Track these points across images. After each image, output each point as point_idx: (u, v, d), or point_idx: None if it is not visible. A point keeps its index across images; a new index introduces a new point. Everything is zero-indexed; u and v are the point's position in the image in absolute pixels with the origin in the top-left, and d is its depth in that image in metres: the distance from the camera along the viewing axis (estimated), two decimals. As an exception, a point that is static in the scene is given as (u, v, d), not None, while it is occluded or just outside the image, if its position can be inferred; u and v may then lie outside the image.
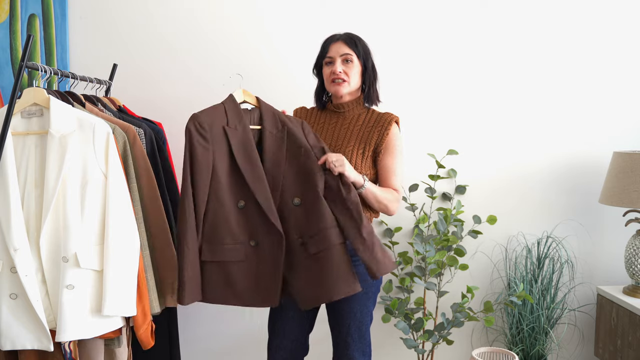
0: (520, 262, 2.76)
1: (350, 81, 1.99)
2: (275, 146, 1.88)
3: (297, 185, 1.87)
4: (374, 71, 2.06)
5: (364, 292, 1.96)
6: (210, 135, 1.84)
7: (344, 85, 1.99)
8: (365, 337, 2.04)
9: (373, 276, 1.87)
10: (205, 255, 1.87)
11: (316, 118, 2.11)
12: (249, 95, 1.97)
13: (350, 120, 2.04)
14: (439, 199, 2.76)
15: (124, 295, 1.73)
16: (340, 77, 1.98)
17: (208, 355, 2.79)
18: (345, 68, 1.99)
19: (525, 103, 2.75)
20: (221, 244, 1.86)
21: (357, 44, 2.00)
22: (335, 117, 2.06)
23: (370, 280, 1.96)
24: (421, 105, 2.72)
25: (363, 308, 2.00)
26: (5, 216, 1.66)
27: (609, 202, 2.52)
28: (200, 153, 1.82)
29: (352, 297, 1.94)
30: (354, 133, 2.00)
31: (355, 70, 2.00)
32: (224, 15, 2.64)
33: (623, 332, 2.50)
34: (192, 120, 1.86)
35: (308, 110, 2.16)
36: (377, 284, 2.05)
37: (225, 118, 1.88)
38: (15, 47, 2.57)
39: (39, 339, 1.71)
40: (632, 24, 2.74)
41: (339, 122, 2.05)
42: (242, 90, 1.96)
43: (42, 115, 1.77)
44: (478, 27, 2.71)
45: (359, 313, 1.99)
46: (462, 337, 2.83)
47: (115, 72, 2.54)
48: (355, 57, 1.99)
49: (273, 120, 1.91)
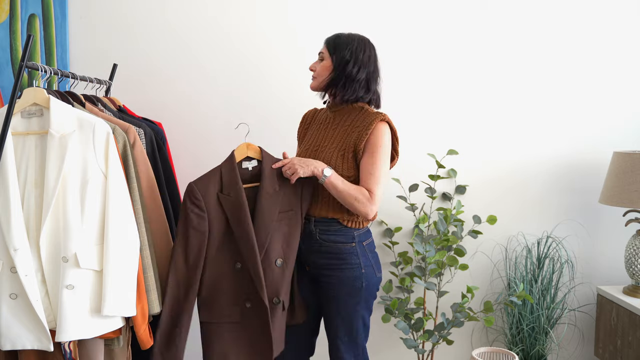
0: (520, 262, 2.76)
1: (318, 78, 2.02)
2: (267, 207, 1.91)
3: (281, 246, 1.94)
4: (352, 67, 1.96)
5: (350, 296, 1.97)
6: (205, 203, 1.89)
7: (314, 81, 2.03)
8: (358, 342, 2.03)
9: None
10: (204, 316, 1.96)
11: (319, 118, 2.12)
12: (252, 149, 1.96)
13: (339, 120, 2.03)
14: (439, 199, 2.76)
15: (123, 296, 1.73)
16: (313, 75, 2.04)
17: (208, 355, 2.78)
18: (316, 65, 2.03)
19: (525, 103, 2.75)
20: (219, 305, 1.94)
21: (332, 43, 2.00)
22: (331, 116, 2.06)
23: (360, 285, 1.96)
24: (421, 105, 2.72)
25: (352, 312, 1.99)
26: (5, 216, 1.66)
27: (609, 202, 2.52)
28: (196, 221, 1.88)
29: (339, 302, 1.98)
30: (338, 133, 1.99)
31: (324, 68, 2.00)
32: (224, 15, 2.64)
33: (623, 332, 2.50)
34: (187, 193, 1.90)
35: (316, 111, 2.18)
36: (369, 289, 2.00)
37: (219, 184, 1.91)
38: (15, 47, 2.57)
39: (39, 339, 1.71)
40: (631, 24, 2.74)
41: (330, 122, 2.05)
42: (245, 144, 1.96)
43: (42, 115, 1.76)
44: (478, 28, 2.71)
45: (347, 317, 1.99)
46: (462, 337, 2.83)
47: (115, 72, 2.54)
48: (327, 56, 2.00)
49: (271, 179, 1.93)
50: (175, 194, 2.25)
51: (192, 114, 2.66)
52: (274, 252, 1.92)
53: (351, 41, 1.98)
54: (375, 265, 2.02)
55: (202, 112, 2.66)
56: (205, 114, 2.65)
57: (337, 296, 1.98)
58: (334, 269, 1.97)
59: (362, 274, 1.96)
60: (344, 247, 1.97)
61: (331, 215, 1.98)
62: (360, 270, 1.96)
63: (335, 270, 1.97)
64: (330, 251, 1.98)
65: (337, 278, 1.97)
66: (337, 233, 1.97)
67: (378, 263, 2.05)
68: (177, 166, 2.50)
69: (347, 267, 1.96)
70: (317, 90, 2.05)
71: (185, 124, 2.63)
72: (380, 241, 2.76)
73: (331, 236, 1.98)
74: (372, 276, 1.99)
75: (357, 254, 1.97)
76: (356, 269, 1.96)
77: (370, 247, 2.03)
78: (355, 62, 1.96)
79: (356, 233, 1.99)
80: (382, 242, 2.76)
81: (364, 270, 1.97)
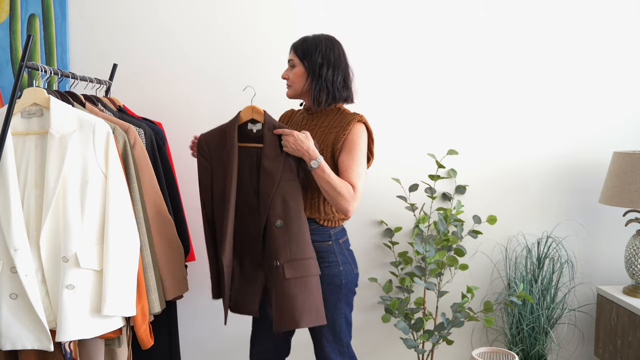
0: (520, 262, 2.76)
1: (294, 86, 2.04)
2: (269, 169, 1.93)
3: (282, 209, 1.93)
4: (326, 71, 1.98)
5: (332, 293, 1.99)
6: (210, 155, 1.99)
7: (290, 90, 2.06)
8: (342, 339, 2.05)
9: None
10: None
11: (296, 119, 2.16)
12: (257, 112, 1.98)
13: (317, 122, 2.05)
14: (439, 199, 2.76)
15: (123, 295, 1.73)
16: (287, 83, 2.06)
17: (208, 355, 2.79)
18: (289, 73, 2.04)
19: (525, 103, 2.75)
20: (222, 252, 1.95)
21: (299, 49, 2.02)
22: (309, 119, 2.08)
23: (340, 282, 1.99)
24: (422, 105, 2.72)
25: (334, 310, 2.01)
26: (6, 216, 1.66)
27: (609, 202, 2.52)
28: (201, 171, 2.01)
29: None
30: (315, 135, 2.01)
31: (298, 75, 2.02)
32: (224, 15, 2.64)
33: (623, 332, 2.50)
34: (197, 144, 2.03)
35: (293, 113, 2.21)
36: (348, 286, 2.03)
37: (224, 140, 1.98)
38: (15, 47, 2.57)
39: (39, 339, 1.71)
40: (631, 24, 2.74)
41: (309, 124, 2.07)
42: (251, 107, 1.98)
43: (42, 115, 1.76)
44: (478, 28, 2.71)
45: (329, 315, 2.00)
46: (462, 337, 2.83)
47: (115, 72, 2.54)
48: (298, 62, 2.02)
49: (272, 144, 1.95)
50: (175, 193, 2.25)
51: (192, 114, 2.66)
52: (274, 214, 1.92)
53: (319, 43, 2.00)
54: (352, 262, 2.06)
55: (202, 112, 2.66)
56: (206, 114, 2.65)
57: None
58: None
59: (340, 271, 2.00)
60: (321, 245, 2.00)
61: (308, 214, 2.00)
62: (339, 268, 2.00)
63: None
64: None
65: None
66: (314, 232, 1.99)
67: (354, 260, 2.09)
68: (177, 166, 2.50)
69: (326, 265, 1.98)
70: (294, 98, 2.09)
71: (185, 124, 2.63)
72: (380, 241, 2.76)
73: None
74: (350, 272, 2.03)
75: (335, 252, 2.00)
76: (334, 267, 1.99)
77: (346, 245, 2.07)
78: (328, 65, 1.99)
79: (332, 231, 2.03)
80: (382, 242, 2.76)
81: (342, 268, 2.00)
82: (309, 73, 1.99)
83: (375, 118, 2.71)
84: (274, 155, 1.92)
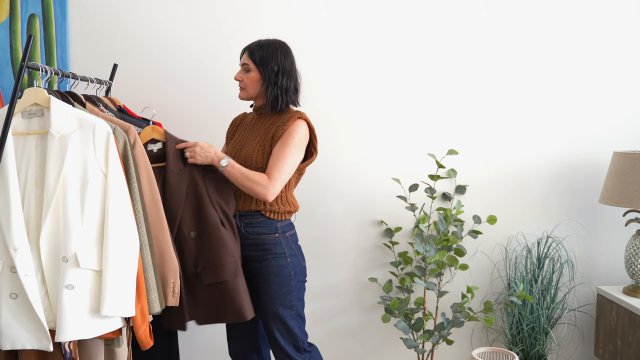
0: (520, 262, 2.76)
1: (247, 90, 2.12)
2: (175, 184, 2.00)
3: (193, 220, 2.01)
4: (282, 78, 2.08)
5: (281, 285, 2.06)
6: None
7: (243, 92, 2.14)
8: (295, 332, 2.10)
9: None
10: None
11: (246, 120, 2.25)
12: (157, 131, 2.04)
13: (263, 120, 2.14)
14: (439, 199, 2.76)
15: (122, 296, 1.73)
16: (240, 85, 2.14)
17: (207, 355, 2.79)
18: (243, 76, 2.11)
19: (525, 103, 2.75)
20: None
21: (256, 54, 2.09)
22: (258, 119, 2.17)
23: (288, 273, 2.05)
24: (422, 106, 2.72)
25: (285, 302, 2.07)
26: (6, 216, 1.66)
27: (609, 202, 2.52)
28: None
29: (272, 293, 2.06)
30: (260, 131, 2.11)
31: (253, 80, 2.10)
32: (224, 15, 2.64)
33: (623, 332, 2.50)
34: None
35: (245, 115, 2.30)
36: (298, 277, 2.09)
37: None
38: (15, 47, 2.57)
39: (38, 339, 1.71)
40: (631, 24, 2.74)
41: (257, 123, 2.16)
42: (151, 127, 2.04)
43: (43, 115, 1.76)
44: (478, 28, 2.71)
45: (281, 308, 2.07)
46: (462, 337, 2.83)
47: (115, 72, 2.54)
48: (254, 67, 2.09)
49: (175, 159, 2.02)
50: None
51: (192, 114, 2.66)
52: (186, 226, 2.01)
53: (274, 50, 2.09)
54: (300, 255, 2.13)
55: (202, 112, 2.66)
56: (206, 114, 2.65)
57: (269, 288, 2.07)
58: (260, 260, 2.07)
59: (288, 262, 2.07)
60: (267, 238, 2.07)
61: (254, 207, 2.07)
62: (286, 259, 2.06)
63: (263, 261, 2.07)
64: (255, 243, 2.08)
65: (265, 269, 2.06)
66: (261, 225, 2.07)
67: (302, 253, 2.15)
68: (177, 166, 2.50)
69: (273, 257, 2.05)
70: (247, 100, 2.16)
71: (186, 124, 2.63)
72: (380, 241, 2.76)
73: (255, 228, 2.08)
74: (298, 265, 2.10)
75: (281, 244, 2.07)
76: (281, 258, 2.06)
77: (293, 239, 2.13)
78: (283, 73, 2.08)
79: (279, 225, 2.09)
80: (382, 242, 2.76)
81: (289, 259, 2.07)
82: (265, 80, 2.09)
83: (376, 118, 2.71)
84: (178, 170, 2.00)
